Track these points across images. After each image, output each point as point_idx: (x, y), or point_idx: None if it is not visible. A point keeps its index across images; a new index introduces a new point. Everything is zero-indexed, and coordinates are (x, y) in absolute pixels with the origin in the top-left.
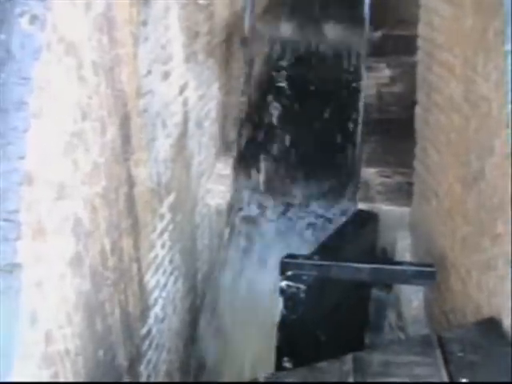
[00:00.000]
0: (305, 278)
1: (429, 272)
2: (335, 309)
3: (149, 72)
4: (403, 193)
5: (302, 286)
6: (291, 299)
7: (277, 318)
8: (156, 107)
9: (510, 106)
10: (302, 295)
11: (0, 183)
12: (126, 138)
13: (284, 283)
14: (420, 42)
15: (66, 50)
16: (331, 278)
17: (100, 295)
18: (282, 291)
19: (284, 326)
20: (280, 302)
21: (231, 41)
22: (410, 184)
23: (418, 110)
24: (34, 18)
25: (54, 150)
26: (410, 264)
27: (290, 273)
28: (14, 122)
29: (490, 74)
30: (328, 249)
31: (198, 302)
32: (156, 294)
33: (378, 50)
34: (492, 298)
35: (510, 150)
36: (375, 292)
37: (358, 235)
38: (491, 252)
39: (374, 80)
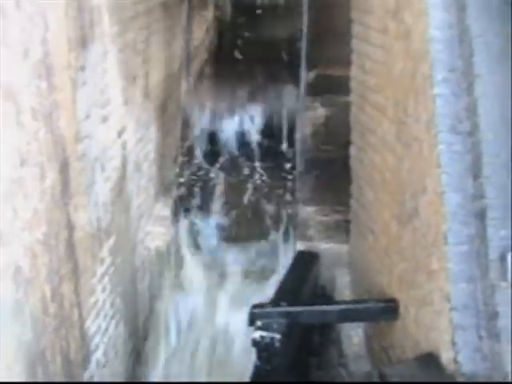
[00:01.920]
0: (275, 326)
1: (391, 307)
2: (302, 352)
3: (87, 116)
4: (341, 230)
5: (277, 336)
6: (266, 350)
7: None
8: (95, 151)
9: (440, 147)
10: (277, 344)
11: None
12: (65, 183)
13: (257, 334)
14: (353, 84)
15: (5, 97)
16: (299, 324)
17: (41, 343)
18: (255, 342)
19: (259, 377)
20: (254, 354)
21: (168, 82)
22: (348, 222)
23: (352, 149)
24: None
25: None
26: (374, 301)
27: (260, 323)
28: None
29: (421, 115)
30: (286, 293)
31: (140, 345)
32: (97, 339)
33: (313, 90)
34: (430, 332)
35: (441, 189)
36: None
37: (308, 276)
38: (427, 288)
39: (309, 119)
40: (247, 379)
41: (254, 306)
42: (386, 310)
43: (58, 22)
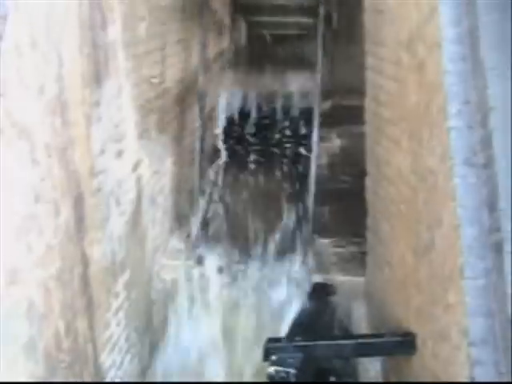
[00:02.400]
0: (290, 360)
1: (409, 341)
2: None
3: (102, 151)
4: (357, 263)
5: (292, 370)
6: None
7: None
8: (110, 186)
9: (455, 180)
10: (292, 379)
11: None
12: (79, 218)
13: (272, 369)
14: (367, 116)
15: (19, 134)
16: (315, 358)
17: (54, 379)
18: (270, 377)
19: None
20: None
21: (184, 115)
22: (364, 254)
23: (368, 181)
24: None
25: (6, 233)
26: (390, 335)
27: (274, 357)
28: None
29: (435, 148)
30: (302, 327)
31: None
32: (112, 373)
33: (328, 120)
34: (448, 367)
35: (457, 222)
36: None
37: (324, 309)
38: (444, 321)
39: (325, 150)
40: None
41: (269, 341)
42: (403, 343)
43: (72, 58)
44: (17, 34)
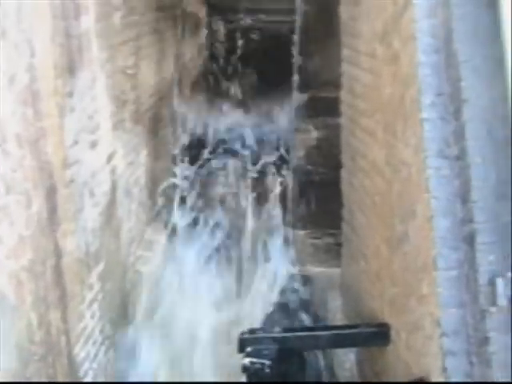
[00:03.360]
0: (266, 352)
1: (383, 332)
2: (292, 378)
3: (75, 142)
4: (333, 254)
5: (267, 362)
6: (256, 376)
7: None
8: (83, 177)
9: (428, 171)
10: (267, 370)
11: None
12: (52, 210)
13: (247, 360)
14: (343, 108)
15: None
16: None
17: (27, 371)
18: (245, 368)
19: None
20: (243, 380)
21: (159, 107)
22: (340, 245)
23: (343, 173)
24: None
25: None
26: (365, 326)
27: (250, 349)
28: None
29: (409, 139)
30: (277, 319)
31: None
32: (86, 365)
33: (305, 112)
34: (421, 358)
35: (430, 214)
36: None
37: (299, 301)
38: (418, 313)
39: (302, 142)
40: None
41: (244, 332)
42: (378, 334)
43: (44, 48)
44: None
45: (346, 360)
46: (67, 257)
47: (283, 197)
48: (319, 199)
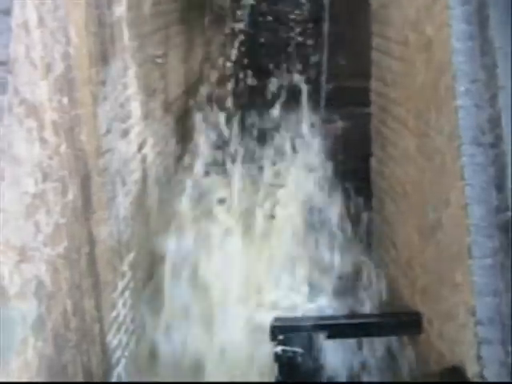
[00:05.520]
0: (297, 340)
1: (415, 321)
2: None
3: (108, 131)
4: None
5: (299, 350)
6: (287, 364)
7: None
8: (116, 165)
9: (463, 159)
10: (299, 359)
11: None
12: (86, 198)
13: (279, 348)
14: (373, 97)
15: (27, 112)
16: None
17: (63, 358)
18: (277, 357)
19: None
20: (275, 368)
21: (187, 96)
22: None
23: (373, 162)
24: None
25: (15, 212)
26: (397, 314)
27: (281, 336)
28: None
29: (443, 127)
30: None
31: None
32: (118, 353)
33: (332, 102)
34: (454, 346)
35: (464, 202)
36: None
37: None
38: (451, 301)
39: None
40: None
41: (276, 320)
42: (410, 323)
43: (79, 36)
44: (24, 10)
45: (378, 348)
46: (100, 245)
47: None
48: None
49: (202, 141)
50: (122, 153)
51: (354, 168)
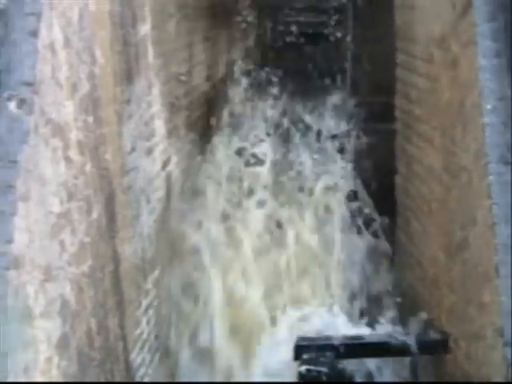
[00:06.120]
0: (322, 359)
1: (442, 341)
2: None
3: (133, 149)
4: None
5: (324, 370)
6: None
7: None
8: (140, 183)
9: (490, 178)
10: (324, 378)
11: None
12: (111, 216)
13: (303, 368)
14: (397, 113)
15: (53, 132)
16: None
17: (87, 377)
18: (302, 376)
19: None
20: None
21: (211, 113)
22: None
23: (398, 179)
24: (21, 102)
25: (41, 232)
26: (424, 334)
27: (306, 356)
28: (1, 206)
29: (469, 145)
30: None
31: None
32: (142, 371)
33: (355, 117)
34: (482, 367)
35: (492, 220)
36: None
37: None
38: (479, 321)
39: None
40: None
41: (300, 339)
42: (436, 343)
43: (104, 56)
44: (51, 31)
45: (402, 368)
46: (125, 263)
47: None
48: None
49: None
50: (147, 171)
51: (378, 185)
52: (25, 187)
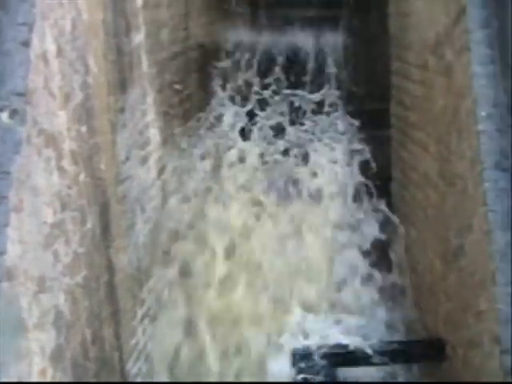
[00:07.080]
0: (318, 368)
1: (438, 348)
2: None
3: (127, 158)
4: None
5: (319, 378)
6: None
7: None
8: (135, 192)
9: (486, 185)
10: None
11: None
12: (105, 226)
13: (300, 376)
14: (393, 120)
15: (46, 143)
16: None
17: None
18: None
19: None
20: None
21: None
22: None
23: (393, 186)
24: (14, 113)
25: (34, 242)
26: (420, 342)
27: (302, 364)
28: None
29: (464, 152)
30: None
31: None
32: (138, 381)
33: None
34: (479, 375)
35: (488, 227)
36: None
37: None
38: (475, 329)
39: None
40: None
41: (297, 348)
42: (433, 350)
43: (97, 65)
44: (43, 41)
45: (399, 375)
46: (119, 273)
47: None
48: None
49: None
50: (142, 180)
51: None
52: (17, 198)
